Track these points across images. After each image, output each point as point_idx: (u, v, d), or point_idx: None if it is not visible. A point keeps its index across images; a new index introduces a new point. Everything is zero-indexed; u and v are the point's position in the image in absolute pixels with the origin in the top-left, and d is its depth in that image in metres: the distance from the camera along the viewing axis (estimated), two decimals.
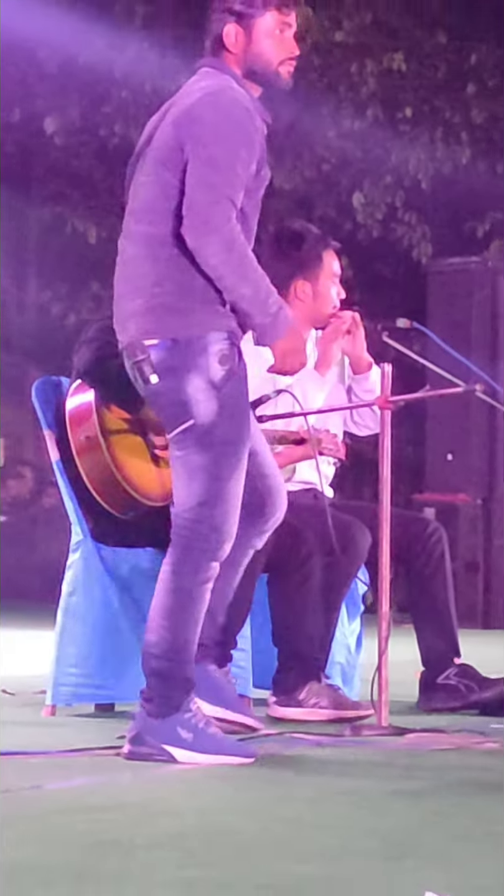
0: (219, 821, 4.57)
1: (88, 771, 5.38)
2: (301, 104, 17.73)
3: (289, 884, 3.68)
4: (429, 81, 18.58)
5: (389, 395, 6.79)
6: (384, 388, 6.82)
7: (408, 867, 3.79)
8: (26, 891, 3.53)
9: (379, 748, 6.03)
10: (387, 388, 6.81)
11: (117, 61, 17.53)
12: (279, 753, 5.92)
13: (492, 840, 4.28)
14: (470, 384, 7.23)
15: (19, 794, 4.86)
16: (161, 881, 3.68)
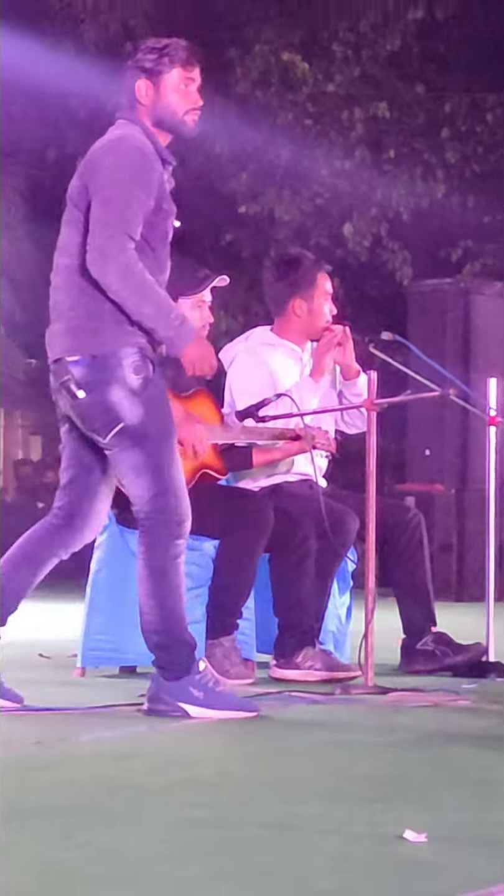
0: (225, 768, 4.57)
1: (112, 725, 5.38)
2: (298, 146, 17.75)
3: (287, 822, 3.67)
4: (409, 127, 18.55)
5: (375, 399, 6.79)
6: (370, 392, 6.82)
7: (390, 809, 3.78)
8: (59, 829, 3.53)
9: (366, 705, 6.02)
10: (373, 393, 6.81)
11: None
12: (279, 710, 5.91)
13: (464, 785, 4.28)
14: (444, 389, 7.23)
15: (52, 745, 4.86)
16: (174, 821, 3.68)
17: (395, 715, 5.78)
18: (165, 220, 5.91)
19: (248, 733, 5.37)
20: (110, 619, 6.74)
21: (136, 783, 4.25)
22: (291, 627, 6.73)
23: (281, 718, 5.72)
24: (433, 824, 3.50)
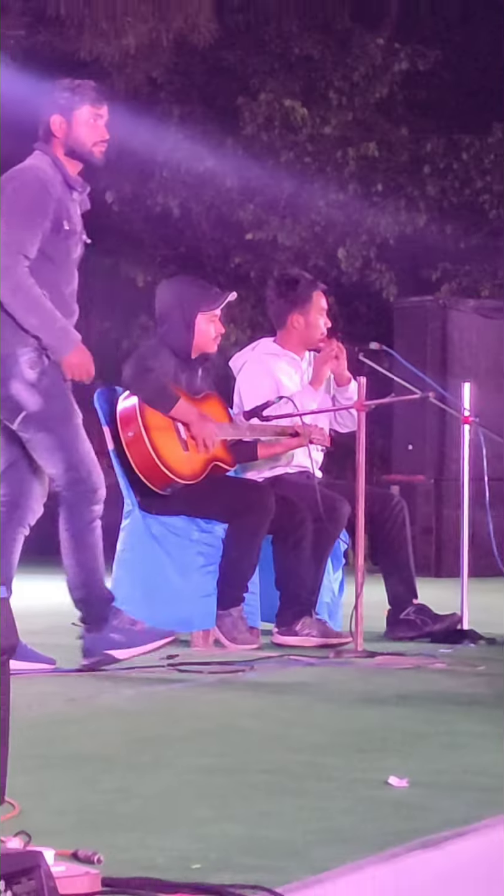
0: (231, 721, 4.58)
1: (134, 685, 5.38)
2: (298, 181, 17.72)
3: (284, 769, 3.68)
4: (395, 164, 18.51)
5: (364, 401, 6.79)
6: (360, 395, 6.82)
7: (376, 758, 3.80)
8: (87, 775, 3.54)
9: (355, 667, 6.02)
10: (362, 396, 6.81)
11: (159, 149, 17.51)
12: (279, 671, 5.91)
13: (441, 738, 4.28)
14: (425, 392, 7.23)
15: (82, 702, 4.88)
16: (185, 767, 3.70)
17: (381, 676, 5.77)
18: (67, 239, 6.09)
19: (252, 691, 5.37)
20: (133, 592, 6.72)
21: (154, 735, 4.27)
22: (291, 599, 6.73)
23: (281, 679, 5.72)
24: (414, 772, 3.51)
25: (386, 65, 18.63)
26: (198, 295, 6.90)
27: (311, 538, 6.72)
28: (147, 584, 6.71)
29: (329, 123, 18.20)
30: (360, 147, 18.11)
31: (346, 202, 17.98)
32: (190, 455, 6.65)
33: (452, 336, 13.29)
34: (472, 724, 4.54)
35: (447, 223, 18.33)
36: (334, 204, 17.95)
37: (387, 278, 17.96)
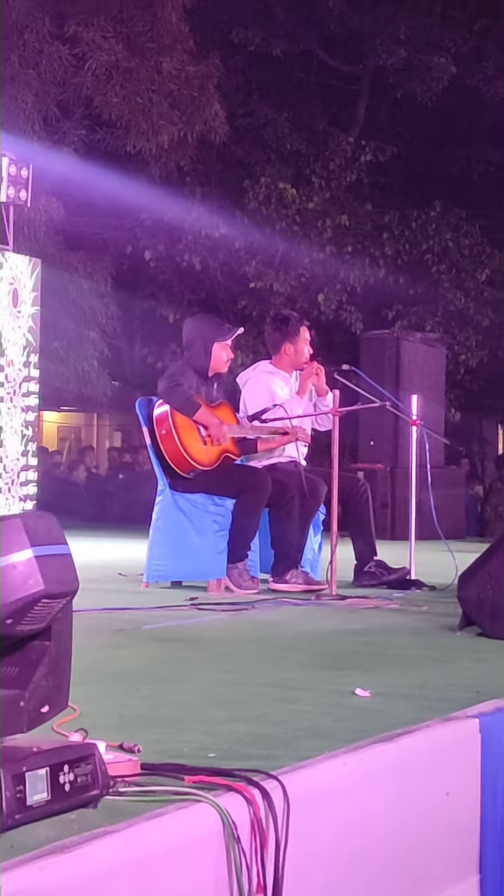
0: (240, 647, 4.57)
1: (166, 619, 5.38)
2: (289, 244, 17.73)
3: (278, 682, 3.68)
4: (361, 231, 18.53)
5: (338, 408, 6.79)
6: (335, 403, 6.82)
7: (348, 674, 3.79)
8: (131, 686, 3.54)
9: (331, 607, 6.01)
10: (336, 404, 6.81)
11: (186, 219, 17.54)
12: (275, 609, 5.91)
13: (395, 659, 4.29)
14: (383, 402, 7.23)
15: (128, 631, 4.87)
16: (206, 681, 3.70)
17: (349, 613, 5.77)
18: None
19: (254, 625, 5.36)
20: (165, 551, 6.73)
21: (182, 657, 4.27)
22: (282, 556, 6.72)
23: (275, 615, 5.70)
24: (374, 685, 3.51)
25: (355, 157, 18.66)
26: (214, 329, 6.91)
27: (298, 510, 6.71)
28: (175, 544, 6.71)
29: (312, 201, 18.23)
30: (336, 218, 18.15)
31: (325, 260, 18.01)
32: (207, 448, 6.65)
33: (403, 360, 13.29)
34: (418, 649, 4.54)
35: (400, 275, 18.37)
36: (316, 261, 17.98)
37: (355, 317, 18.00)
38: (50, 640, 2.28)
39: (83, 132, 16.82)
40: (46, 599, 2.18)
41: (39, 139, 15.35)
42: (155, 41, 16.20)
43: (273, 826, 2.29)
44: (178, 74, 16.32)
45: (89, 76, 15.90)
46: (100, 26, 15.81)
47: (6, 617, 2.14)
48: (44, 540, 2.18)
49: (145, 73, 16.05)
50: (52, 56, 15.73)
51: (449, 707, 3.16)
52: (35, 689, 2.25)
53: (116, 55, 15.85)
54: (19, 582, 2.13)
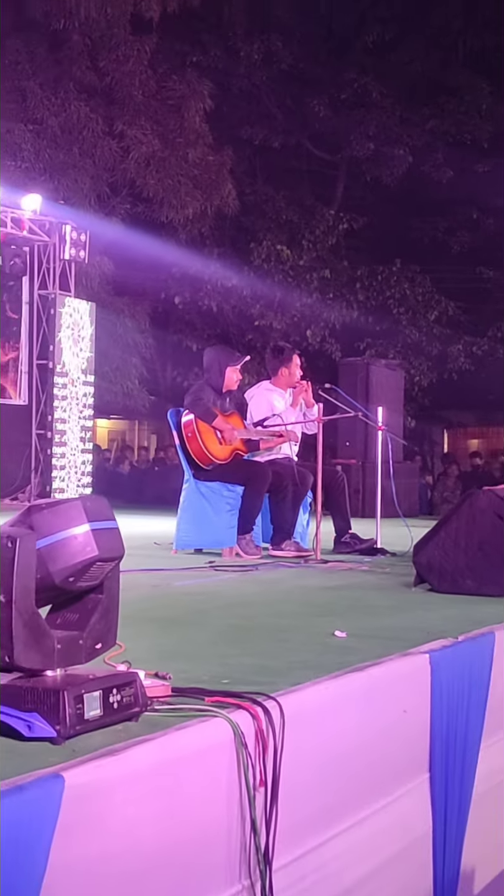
0: (245, 599, 4.57)
1: (191, 577, 5.37)
2: (284, 291, 17.69)
3: (276, 626, 3.67)
4: (339, 282, 18.48)
5: (321, 417, 6.78)
6: (319, 413, 6.81)
7: (330, 620, 3.77)
8: (163, 628, 3.53)
9: (316, 569, 5.99)
10: (320, 414, 6.80)
11: (205, 272, 17.51)
12: (274, 570, 5.90)
13: (365, 608, 4.27)
14: (356, 412, 7.21)
15: (161, 587, 4.87)
16: (221, 626, 3.68)
17: (330, 574, 5.75)
18: None
19: (257, 582, 5.35)
20: (189, 526, 6.71)
21: (202, 607, 4.26)
22: (279, 530, 6.70)
23: (274, 575, 5.69)
24: (349, 628, 3.50)
25: (335, 225, 18.59)
26: (226, 357, 6.89)
27: (291, 495, 6.70)
28: (197, 521, 6.69)
29: (302, 259, 18.16)
30: (320, 272, 18.09)
31: (312, 304, 17.97)
32: (222, 447, 6.64)
33: (371, 380, 13.25)
34: (382, 601, 4.52)
35: (369, 316, 18.33)
36: (305, 305, 17.93)
37: (335, 347, 17.93)
38: (102, 593, 2.27)
39: (128, 206, 16.81)
40: (100, 562, 2.17)
41: (94, 211, 15.33)
42: (182, 137, 16.21)
43: (272, 735, 2.29)
44: (200, 162, 16.33)
45: (132, 163, 15.92)
46: (140, 125, 15.84)
47: (68, 576, 2.14)
48: (97, 517, 2.17)
49: (175, 161, 16.06)
50: (104, 148, 15.75)
51: (406, 645, 3.15)
52: (91, 631, 2.24)
53: (153, 147, 15.87)
54: (79, 549, 2.13)
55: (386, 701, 2.86)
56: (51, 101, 15.34)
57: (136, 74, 15.83)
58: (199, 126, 16.27)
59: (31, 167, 14.77)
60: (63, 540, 2.12)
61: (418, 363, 18.42)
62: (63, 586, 2.15)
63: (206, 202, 16.46)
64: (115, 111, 15.94)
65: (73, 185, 15.21)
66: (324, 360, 17.44)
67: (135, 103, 15.91)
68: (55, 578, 2.12)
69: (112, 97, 15.99)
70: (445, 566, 4.72)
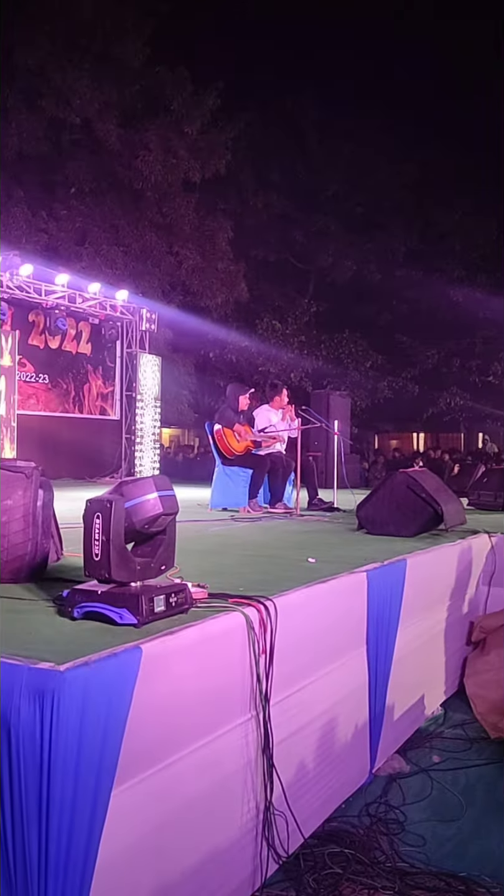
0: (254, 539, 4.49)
1: (220, 525, 5.30)
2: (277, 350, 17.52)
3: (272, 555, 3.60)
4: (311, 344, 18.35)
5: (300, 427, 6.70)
6: (299, 424, 6.73)
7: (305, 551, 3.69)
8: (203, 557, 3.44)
9: (295, 520, 5.89)
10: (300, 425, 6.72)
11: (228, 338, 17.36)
12: (272, 521, 5.82)
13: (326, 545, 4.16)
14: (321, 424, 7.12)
15: (200, 532, 4.78)
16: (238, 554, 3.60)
17: (305, 523, 5.67)
18: None
19: (261, 529, 5.25)
20: (219, 493, 6.61)
21: (229, 544, 4.18)
22: (274, 496, 6.59)
23: (270, 525, 5.60)
24: (317, 556, 3.44)
25: (307, 308, 18.44)
26: (239, 389, 6.81)
27: (281, 474, 6.62)
28: (224, 490, 6.59)
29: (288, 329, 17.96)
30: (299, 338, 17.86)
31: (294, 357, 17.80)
32: (240, 444, 6.59)
33: (331, 404, 13.14)
34: (337, 540, 4.44)
35: (329, 364, 18.17)
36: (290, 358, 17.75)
37: (308, 384, 17.77)
38: (165, 535, 2.26)
39: (181, 297, 16.73)
40: (164, 516, 2.16)
41: (160, 300, 15.26)
42: (214, 254, 16.13)
43: (270, 622, 2.27)
44: (225, 270, 16.26)
45: (184, 271, 15.85)
46: (189, 248, 15.78)
47: (145, 524, 2.13)
48: (162, 488, 2.16)
49: (210, 270, 15.99)
50: (166, 262, 15.69)
51: (352, 567, 3.11)
52: (158, 558, 2.23)
53: (196, 261, 15.81)
54: (150, 507, 2.12)
55: (340, 601, 2.83)
56: (134, 233, 15.31)
57: (186, 216, 15.79)
58: (224, 248, 16.20)
59: (121, 274, 14.74)
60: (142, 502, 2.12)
61: (359, 393, 18.31)
62: (141, 530, 2.15)
63: (229, 295, 16.38)
64: (173, 239, 15.91)
65: (147, 285, 15.16)
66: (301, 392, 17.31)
67: (185, 233, 15.87)
68: (136, 526, 2.12)
69: (171, 230, 15.95)
70: (376, 518, 4.68)
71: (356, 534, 4.77)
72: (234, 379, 17.26)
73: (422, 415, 18.70)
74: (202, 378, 19.14)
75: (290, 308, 18.63)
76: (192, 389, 17.64)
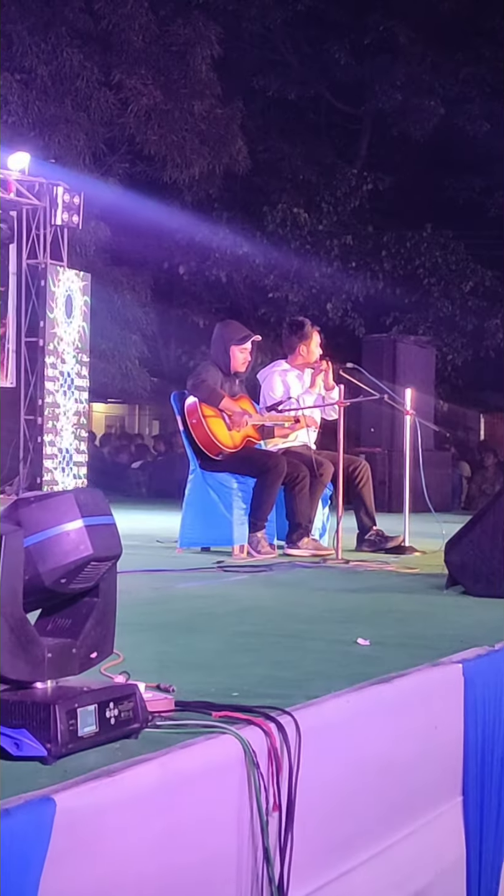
0: (257, 603, 4.56)
1: (197, 579, 5.38)
2: (302, 260, 17.69)
3: (292, 633, 3.67)
4: (363, 249, 18.49)
5: (343, 400, 6.78)
6: (341, 396, 6.81)
7: (350, 626, 3.77)
8: (167, 636, 3.53)
9: (336, 570, 6.00)
10: (341, 397, 6.80)
11: (213, 239, 17.54)
12: (289, 571, 5.90)
13: (391, 614, 4.27)
14: (381, 395, 7.21)
15: (163, 590, 4.87)
16: (230, 632, 3.68)
17: (353, 574, 5.77)
18: None
19: (271, 584, 5.35)
20: (195, 521, 6.73)
21: (210, 611, 4.27)
22: (295, 526, 6.70)
23: (289, 577, 5.69)
24: (373, 636, 3.50)
25: (358, 186, 18.60)
26: (233, 335, 6.87)
27: (308, 487, 6.70)
28: (204, 516, 6.70)
29: (322, 223, 18.18)
30: (342, 239, 18.09)
31: (332, 273, 17.96)
32: (232, 433, 6.64)
33: (399, 359, 13.26)
34: (410, 605, 4.53)
35: (397, 287, 18.31)
36: (325, 275, 17.93)
37: (358, 322, 17.96)
38: (98, 596, 2.27)
39: (126, 165, 16.83)
40: (95, 562, 2.17)
41: (90, 171, 15.35)
42: (187, 87, 16.19)
43: (287, 754, 2.29)
44: (208, 116, 16.31)
45: (132, 117, 15.92)
46: (140, 75, 15.83)
47: (60, 577, 2.14)
48: (92, 511, 2.18)
49: (179, 115, 16.05)
50: (100, 100, 15.75)
51: (437, 654, 3.15)
52: (85, 639, 2.25)
53: (155, 99, 15.86)
54: (71, 547, 2.13)
55: (414, 716, 2.86)
56: (40, 48, 15.32)
57: (135, 18, 15.81)
58: (206, 75, 16.24)
59: (18, 122, 14.77)
60: (54, 537, 2.13)
61: (451, 340, 18.39)
62: (54, 588, 2.16)
63: (215, 160, 16.44)
64: (113, 59, 15.92)
65: (65, 142, 15.22)
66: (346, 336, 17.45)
67: (134, 50, 15.89)
68: (45, 580, 2.12)
69: (109, 43, 15.97)
70: (481, 566, 4.72)
71: (445, 594, 4.83)
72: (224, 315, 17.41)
73: None
74: (166, 313, 19.28)
75: (325, 185, 18.77)
76: (149, 334, 17.79)
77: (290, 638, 3.56)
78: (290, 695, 2.56)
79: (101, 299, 14.42)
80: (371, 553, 6.81)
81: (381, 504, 10.85)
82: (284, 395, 7.01)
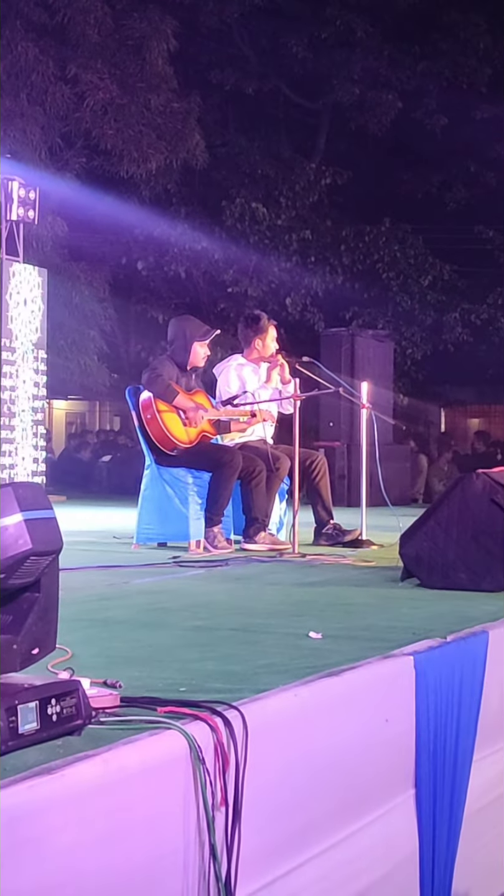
0: (211, 598, 4.54)
1: (152, 574, 5.35)
2: (261, 255, 17.67)
3: (244, 627, 3.66)
4: (322, 244, 18.50)
5: (298, 394, 6.76)
6: (296, 390, 6.79)
7: (305, 619, 3.77)
8: (117, 632, 3.51)
9: (292, 564, 5.99)
10: (297, 390, 6.78)
11: (172, 234, 17.48)
12: (245, 566, 5.88)
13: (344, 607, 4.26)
14: (336, 388, 7.20)
15: (118, 585, 4.85)
16: (181, 627, 3.67)
17: (308, 569, 5.75)
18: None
19: (226, 579, 5.33)
20: (152, 517, 6.70)
21: (163, 607, 4.24)
22: (251, 521, 6.69)
23: (245, 571, 5.67)
24: (327, 629, 3.49)
25: (316, 180, 18.61)
26: (195, 330, 6.85)
27: (265, 481, 6.68)
28: (160, 511, 6.68)
29: (280, 218, 18.17)
30: (300, 233, 18.10)
31: (291, 268, 17.97)
32: (187, 429, 6.62)
33: (358, 353, 13.28)
34: (364, 598, 4.52)
35: (356, 281, 18.35)
36: (284, 269, 17.94)
37: (317, 317, 17.97)
38: (39, 591, 2.25)
39: (83, 160, 16.73)
40: (34, 557, 2.15)
41: (45, 166, 15.25)
42: (144, 81, 16.12)
43: (234, 749, 2.27)
44: (164, 110, 16.26)
45: (88, 112, 15.83)
46: (96, 69, 15.74)
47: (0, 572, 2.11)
48: (31, 505, 2.15)
49: (136, 109, 15.98)
50: (55, 95, 15.65)
51: (389, 646, 3.14)
52: (27, 634, 2.22)
53: (111, 93, 15.79)
54: (10, 542, 2.10)
55: (364, 709, 2.84)
56: None
57: (91, 11, 15.72)
58: (163, 69, 16.16)
59: None
60: None
61: (410, 334, 18.46)
62: None
63: (172, 155, 16.37)
64: (68, 53, 15.80)
65: (20, 137, 15.11)
66: (305, 331, 17.47)
67: (90, 44, 15.79)
68: None
69: (64, 37, 15.86)
70: (436, 558, 4.72)
71: (400, 586, 4.83)
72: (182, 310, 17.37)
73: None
74: (124, 309, 19.22)
75: (283, 179, 18.76)
76: (107, 329, 17.73)
77: (241, 632, 3.55)
78: (238, 689, 2.54)
79: (59, 295, 14.34)
80: (328, 547, 6.80)
81: (341, 498, 10.86)
82: (240, 389, 6.99)
